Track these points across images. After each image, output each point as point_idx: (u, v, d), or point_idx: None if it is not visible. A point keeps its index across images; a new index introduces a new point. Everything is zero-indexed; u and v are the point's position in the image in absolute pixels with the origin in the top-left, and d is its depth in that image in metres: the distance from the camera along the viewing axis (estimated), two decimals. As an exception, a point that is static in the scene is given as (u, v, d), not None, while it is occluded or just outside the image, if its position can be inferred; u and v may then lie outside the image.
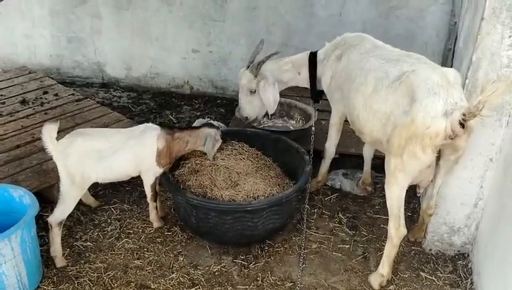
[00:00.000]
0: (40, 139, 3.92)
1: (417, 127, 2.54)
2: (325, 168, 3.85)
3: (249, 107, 3.83)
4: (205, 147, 3.33)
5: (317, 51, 3.59)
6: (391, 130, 2.73)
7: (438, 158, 2.78)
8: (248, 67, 3.69)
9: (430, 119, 2.50)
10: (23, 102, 4.69)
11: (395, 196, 2.80)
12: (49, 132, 2.86)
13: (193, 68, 5.64)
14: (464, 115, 2.38)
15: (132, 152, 3.14)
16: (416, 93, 2.58)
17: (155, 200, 3.39)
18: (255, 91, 3.72)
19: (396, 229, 2.85)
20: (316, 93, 3.72)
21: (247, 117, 3.88)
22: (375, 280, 3.02)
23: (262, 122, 4.51)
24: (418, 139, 2.55)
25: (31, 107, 4.60)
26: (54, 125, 2.87)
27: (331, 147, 3.73)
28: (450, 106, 2.49)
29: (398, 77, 2.76)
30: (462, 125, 2.43)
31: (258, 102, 3.78)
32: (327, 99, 3.63)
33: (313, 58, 3.58)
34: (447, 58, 4.61)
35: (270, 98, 3.68)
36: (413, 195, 3.46)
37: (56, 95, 4.86)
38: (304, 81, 3.72)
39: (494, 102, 2.32)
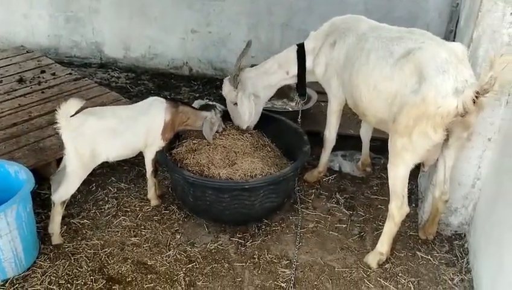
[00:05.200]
0: (37, 117, 4.02)
1: (428, 106, 2.49)
2: (325, 157, 3.72)
3: (238, 117, 3.57)
4: (203, 131, 3.37)
5: (303, 43, 3.45)
6: (397, 109, 2.68)
7: (447, 139, 2.73)
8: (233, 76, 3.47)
9: (441, 99, 2.46)
10: (21, 81, 4.67)
11: (400, 175, 2.77)
12: (68, 108, 2.77)
13: (192, 49, 5.60)
14: (477, 92, 2.33)
15: (143, 126, 3.16)
16: (425, 72, 2.53)
17: (155, 176, 3.40)
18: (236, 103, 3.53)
19: (399, 208, 2.83)
20: (304, 87, 3.57)
21: (239, 126, 3.61)
22: (373, 258, 3.01)
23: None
24: (429, 118, 2.51)
25: (28, 86, 4.58)
26: (78, 102, 2.78)
27: (331, 135, 3.59)
28: (460, 84, 2.45)
29: (403, 55, 2.70)
30: (474, 102, 2.38)
31: None
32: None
33: (301, 51, 3.42)
34: (449, 40, 4.55)
35: (246, 112, 3.47)
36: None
37: (53, 74, 4.84)
38: (293, 79, 3.54)
39: (507, 76, 2.27)
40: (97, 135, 2.95)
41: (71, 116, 2.82)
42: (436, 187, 3.00)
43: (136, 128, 3.14)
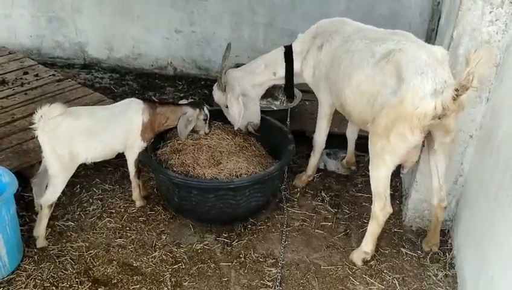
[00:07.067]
0: (20, 119, 3.97)
1: (405, 107, 2.50)
2: (315, 161, 3.68)
3: (235, 120, 3.52)
4: (178, 126, 3.30)
5: (290, 45, 3.45)
6: (378, 110, 2.69)
7: (432, 145, 2.77)
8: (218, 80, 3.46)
9: (418, 100, 2.46)
10: (3, 82, 4.61)
11: (381, 177, 2.78)
12: (49, 112, 2.76)
13: (176, 49, 5.58)
14: (456, 90, 2.34)
15: (121, 127, 3.14)
16: (404, 73, 2.54)
17: (139, 177, 3.38)
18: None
19: (381, 209, 2.85)
20: (291, 89, 3.57)
21: (240, 129, 3.59)
22: (358, 256, 3.04)
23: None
24: (406, 120, 2.52)
25: (10, 88, 4.53)
26: (61, 107, 2.79)
27: (321, 138, 3.56)
28: (439, 85, 2.46)
29: (384, 56, 2.72)
30: (454, 99, 2.38)
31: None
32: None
33: (288, 53, 3.43)
34: (430, 39, 4.61)
35: (235, 112, 3.42)
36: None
37: (36, 75, 4.79)
38: (280, 80, 3.54)
39: (482, 71, 2.29)
40: (74, 136, 2.92)
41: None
42: (433, 196, 2.99)
43: (113, 129, 3.11)
